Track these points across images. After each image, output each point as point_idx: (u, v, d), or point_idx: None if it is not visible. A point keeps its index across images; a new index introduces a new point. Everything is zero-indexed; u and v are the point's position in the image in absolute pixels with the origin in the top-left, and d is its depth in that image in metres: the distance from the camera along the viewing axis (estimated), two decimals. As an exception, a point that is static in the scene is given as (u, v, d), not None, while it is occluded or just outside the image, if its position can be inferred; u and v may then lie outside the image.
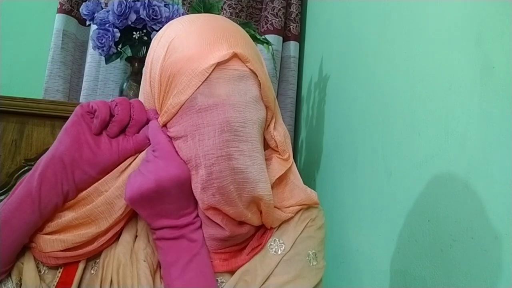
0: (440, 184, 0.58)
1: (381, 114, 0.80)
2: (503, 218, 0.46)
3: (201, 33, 0.56)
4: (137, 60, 1.21)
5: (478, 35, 0.52)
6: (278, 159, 0.61)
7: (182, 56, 0.55)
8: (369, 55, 0.89)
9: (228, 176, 0.52)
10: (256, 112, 0.56)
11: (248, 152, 0.54)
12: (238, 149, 0.53)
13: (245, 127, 0.54)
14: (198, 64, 0.53)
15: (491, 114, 0.49)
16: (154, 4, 1.13)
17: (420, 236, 0.61)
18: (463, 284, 0.51)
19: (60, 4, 1.43)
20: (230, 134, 0.53)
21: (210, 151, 0.53)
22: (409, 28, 0.72)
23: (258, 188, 0.54)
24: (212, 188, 0.53)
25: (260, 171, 0.55)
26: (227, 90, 0.54)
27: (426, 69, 0.64)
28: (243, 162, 0.53)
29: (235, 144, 0.53)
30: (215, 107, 0.53)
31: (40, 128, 1.08)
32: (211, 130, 0.53)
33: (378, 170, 0.79)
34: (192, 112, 0.54)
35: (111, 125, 0.55)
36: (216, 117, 0.53)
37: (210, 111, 0.53)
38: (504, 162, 0.46)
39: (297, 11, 1.55)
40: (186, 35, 0.56)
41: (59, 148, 0.52)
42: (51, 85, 1.40)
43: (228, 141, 0.52)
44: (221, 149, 0.52)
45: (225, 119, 0.53)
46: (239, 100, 0.54)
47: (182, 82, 0.54)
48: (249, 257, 0.57)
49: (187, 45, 0.55)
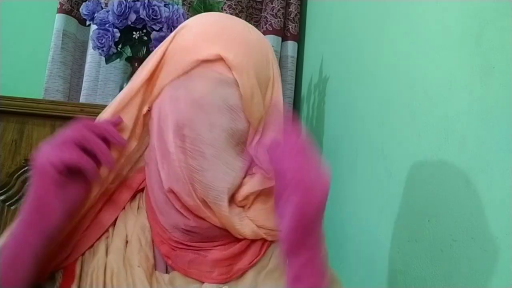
0: (440, 184, 0.58)
1: (381, 114, 0.80)
2: (503, 218, 0.46)
3: (204, 29, 0.57)
4: (137, 60, 1.21)
5: (478, 35, 0.52)
6: (261, 176, 0.59)
7: (180, 45, 0.56)
8: (369, 55, 0.89)
9: (185, 168, 0.52)
10: (229, 121, 0.54)
11: (209, 156, 0.53)
12: (199, 149, 0.53)
13: (211, 131, 0.53)
14: (186, 56, 0.54)
15: (491, 114, 0.49)
16: (154, 4, 1.13)
17: (420, 236, 0.61)
18: (463, 284, 0.51)
19: (60, 4, 1.43)
20: (191, 132, 0.53)
21: (172, 139, 0.53)
22: (409, 28, 0.72)
23: (208, 194, 0.53)
24: (176, 175, 0.53)
25: (215, 178, 0.53)
26: (203, 89, 0.53)
27: (426, 69, 0.64)
28: (200, 163, 0.53)
29: (196, 143, 0.53)
30: (184, 101, 0.53)
31: (40, 128, 1.08)
32: (174, 119, 0.53)
33: (378, 170, 0.79)
34: (166, 98, 0.55)
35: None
36: (183, 110, 0.53)
37: (178, 102, 0.54)
38: (504, 162, 0.46)
39: (296, 11, 1.55)
40: (192, 27, 0.57)
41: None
42: (51, 85, 1.40)
43: (189, 138, 0.53)
44: (181, 141, 0.53)
45: (189, 116, 0.53)
46: (211, 103, 0.53)
47: (169, 68, 0.56)
48: (249, 266, 0.56)
49: (188, 36, 0.56)
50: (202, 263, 0.55)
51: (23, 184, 1.07)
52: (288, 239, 0.48)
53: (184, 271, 0.55)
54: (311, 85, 1.36)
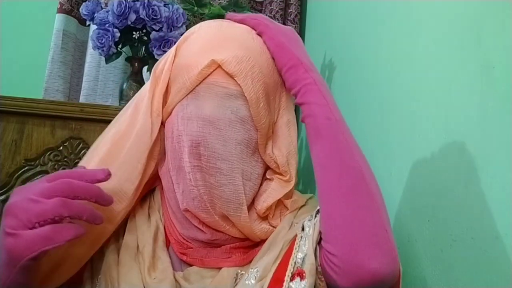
0: (440, 184, 0.58)
1: (381, 114, 0.80)
2: (503, 218, 0.46)
3: (203, 42, 0.57)
4: (137, 60, 1.21)
5: (478, 35, 0.52)
6: (279, 181, 0.60)
7: (181, 63, 0.56)
8: (369, 55, 0.89)
9: (202, 186, 0.53)
10: (243, 132, 0.55)
11: (226, 171, 0.54)
12: (214, 165, 0.53)
13: (225, 145, 0.54)
14: (189, 73, 0.55)
15: (491, 114, 0.49)
16: (154, 4, 1.13)
17: (420, 236, 0.61)
18: (463, 284, 0.51)
19: (60, 4, 1.43)
20: (205, 150, 0.53)
21: (187, 159, 0.53)
22: (409, 28, 0.72)
23: (229, 208, 0.54)
24: (192, 194, 0.53)
25: (235, 191, 0.54)
26: (212, 106, 0.54)
27: (426, 69, 0.64)
28: (218, 179, 0.53)
29: (212, 161, 0.53)
30: (196, 120, 0.54)
31: (40, 128, 1.08)
32: (189, 140, 0.53)
33: (378, 170, 0.79)
34: (179, 118, 0.55)
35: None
36: (195, 129, 0.53)
37: (191, 122, 0.54)
38: (504, 162, 0.46)
39: (296, 12, 1.55)
40: (192, 42, 0.58)
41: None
42: (51, 85, 1.39)
43: (204, 156, 0.53)
44: (197, 160, 0.53)
45: (202, 134, 0.53)
46: (222, 118, 0.54)
47: (175, 88, 0.56)
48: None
49: (188, 52, 0.57)
50: (219, 251, 0.56)
51: (23, 184, 1.07)
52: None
53: (201, 262, 0.55)
54: (311, 85, 1.36)
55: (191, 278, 0.54)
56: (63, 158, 1.08)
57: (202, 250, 0.56)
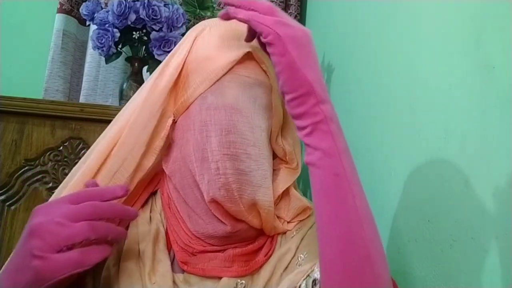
0: (440, 184, 0.58)
1: (381, 114, 0.80)
2: (503, 218, 0.46)
3: (222, 35, 0.57)
4: (137, 60, 1.21)
5: (478, 35, 0.52)
6: (286, 169, 0.61)
7: (201, 55, 0.56)
8: (369, 55, 0.89)
9: (232, 174, 0.53)
10: (265, 120, 0.56)
11: (255, 156, 0.54)
12: (245, 151, 0.53)
13: (253, 132, 0.54)
14: (212, 64, 0.54)
15: (491, 114, 0.49)
16: (154, 4, 1.13)
17: (420, 236, 0.61)
18: (463, 284, 0.51)
19: (60, 4, 1.43)
20: (236, 136, 0.53)
21: (216, 148, 0.53)
22: (409, 28, 0.72)
23: (259, 192, 0.54)
24: (218, 183, 0.53)
25: (264, 177, 0.55)
26: (237, 94, 0.54)
27: (426, 69, 0.64)
28: (248, 165, 0.54)
29: (242, 147, 0.53)
30: (223, 108, 0.54)
31: (40, 128, 1.08)
32: (218, 128, 0.54)
33: (378, 170, 0.79)
34: (202, 109, 0.55)
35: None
36: (224, 117, 0.54)
37: (218, 111, 0.54)
38: (504, 162, 0.46)
39: (296, 12, 1.55)
40: (209, 35, 0.58)
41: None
42: (51, 85, 1.40)
43: (235, 143, 0.53)
44: (227, 148, 0.53)
45: (232, 122, 0.53)
46: (247, 106, 0.55)
47: (197, 80, 0.55)
48: (266, 259, 0.58)
49: (207, 45, 0.56)
50: (220, 259, 0.56)
51: (23, 184, 1.07)
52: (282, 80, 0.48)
53: (202, 271, 0.55)
54: (311, 85, 1.36)
55: (191, 280, 0.54)
56: (63, 158, 1.08)
57: (204, 258, 0.56)
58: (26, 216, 1.06)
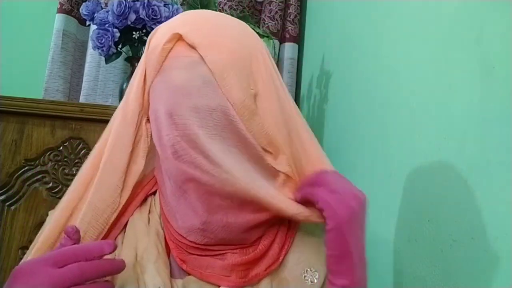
0: (440, 184, 0.58)
1: (381, 114, 0.80)
2: (503, 218, 0.46)
3: (171, 24, 0.56)
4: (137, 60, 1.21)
5: (478, 35, 0.52)
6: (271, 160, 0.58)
7: (151, 46, 0.56)
8: (369, 55, 0.89)
9: (192, 151, 0.51)
10: (216, 98, 0.52)
11: (204, 136, 0.51)
12: (193, 132, 0.51)
13: (198, 112, 0.52)
14: (156, 53, 0.54)
15: (491, 114, 0.49)
16: (154, 4, 1.13)
17: (420, 236, 0.61)
18: (463, 284, 0.51)
19: (60, 4, 1.43)
20: (179, 118, 0.51)
21: (166, 132, 0.52)
22: (409, 28, 0.72)
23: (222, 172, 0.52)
24: (186, 162, 0.52)
25: (220, 151, 0.52)
26: (177, 75, 0.53)
27: (426, 69, 0.64)
28: (204, 142, 0.51)
29: (188, 127, 0.52)
30: (166, 91, 0.53)
31: (40, 128, 1.09)
32: (163, 113, 0.53)
33: (378, 170, 0.79)
34: (152, 98, 0.55)
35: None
36: (165, 100, 0.53)
37: (160, 96, 0.54)
38: (504, 162, 0.46)
39: (295, 12, 1.55)
40: (159, 29, 0.57)
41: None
42: (51, 85, 1.40)
43: (179, 124, 0.51)
44: (176, 130, 0.52)
45: (171, 103, 0.52)
46: (189, 85, 0.52)
47: (148, 72, 0.56)
48: (266, 273, 0.55)
49: (157, 35, 0.56)
50: (219, 267, 0.54)
51: (23, 184, 1.07)
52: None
53: (200, 274, 0.54)
54: (311, 86, 1.36)
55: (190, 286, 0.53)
56: (63, 158, 1.08)
57: (202, 261, 0.55)
58: (26, 216, 1.06)
